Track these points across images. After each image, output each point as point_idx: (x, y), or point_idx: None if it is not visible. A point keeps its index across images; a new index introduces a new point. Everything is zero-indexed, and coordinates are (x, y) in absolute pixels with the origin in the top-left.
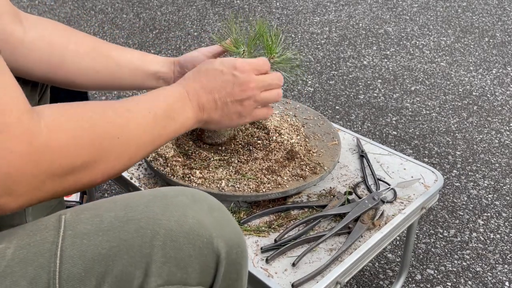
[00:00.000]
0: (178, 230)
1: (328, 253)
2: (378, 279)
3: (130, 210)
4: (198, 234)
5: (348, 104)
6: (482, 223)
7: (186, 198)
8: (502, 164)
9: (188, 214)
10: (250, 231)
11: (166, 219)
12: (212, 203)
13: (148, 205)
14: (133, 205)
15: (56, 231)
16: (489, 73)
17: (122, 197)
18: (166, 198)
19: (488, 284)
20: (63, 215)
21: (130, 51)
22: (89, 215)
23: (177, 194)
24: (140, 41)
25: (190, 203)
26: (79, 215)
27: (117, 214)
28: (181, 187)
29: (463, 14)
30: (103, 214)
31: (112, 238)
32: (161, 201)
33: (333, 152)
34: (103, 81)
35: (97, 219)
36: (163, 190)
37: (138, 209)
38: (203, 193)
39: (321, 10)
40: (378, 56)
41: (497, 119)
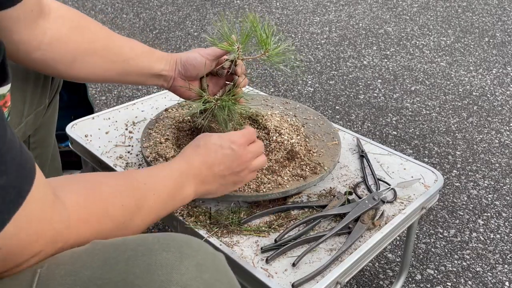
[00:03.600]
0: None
1: (328, 253)
2: (378, 279)
3: (108, 269)
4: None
5: (348, 104)
6: (482, 223)
7: (172, 255)
8: (502, 164)
9: (172, 278)
10: (250, 231)
11: (145, 284)
12: (203, 257)
13: (128, 263)
14: (112, 261)
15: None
16: (489, 73)
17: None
18: (149, 254)
19: (488, 284)
20: (39, 269)
21: (140, 49)
22: (63, 272)
23: (162, 248)
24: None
25: (176, 262)
26: (54, 270)
27: (93, 274)
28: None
29: (463, 14)
30: (79, 272)
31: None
32: (143, 259)
33: (333, 152)
34: (109, 78)
35: (71, 277)
36: (149, 241)
37: (116, 268)
38: (193, 243)
39: (321, 10)
40: (378, 56)
41: (497, 119)
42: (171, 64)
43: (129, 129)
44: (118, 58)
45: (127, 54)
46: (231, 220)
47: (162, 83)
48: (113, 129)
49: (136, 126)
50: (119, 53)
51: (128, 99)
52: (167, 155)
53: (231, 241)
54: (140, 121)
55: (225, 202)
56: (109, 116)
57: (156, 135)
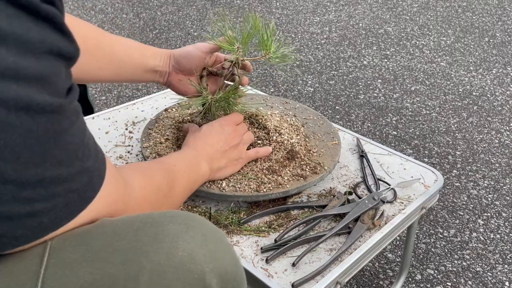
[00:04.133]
0: (166, 265)
1: (328, 253)
2: (378, 279)
3: (118, 238)
4: (188, 269)
5: (348, 104)
6: (482, 223)
7: (179, 226)
8: (502, 164)
9: (179, 245)
10: (250, 231)
11: (154, 251)
12: (207, 230)
13: (137, 234)
14: (121, 232)
15: (40, 259)
16: (489, 73)
17: (111, 222)
18: (156, 225)
19: (488, 284)
20: (49, 241)
21: (132, 45)
22: (75, 242)
23: (169, 220)
24: (140, 41)
25: (182, 231)
26: (65, 241)
27: (104, 243)
28: (174, 212)
29: (463, 14)
30: (90, 242)
31: (96, 270)
32: (151, 229)
33: (333, 152)
34: (104, 78)
35: (83, 247)
36: (155, 215)
37: (126, 238)
38: (197, 218)
39: (321, 10)
40: (378, 56)
41: (497, 119)
42: (165, 59)
43: (129, 129)
44: (111, 56)
45: (119, 52)
46: (231, 220)
47: (158, 79)
48: (113, 129)
49: (136, 126)
50: (111, 51)
51: (128, 99)
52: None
53: (231, 241)
54: (140, 121)
55: (225, 202)
56: (109, 116)
57: (156, 135)
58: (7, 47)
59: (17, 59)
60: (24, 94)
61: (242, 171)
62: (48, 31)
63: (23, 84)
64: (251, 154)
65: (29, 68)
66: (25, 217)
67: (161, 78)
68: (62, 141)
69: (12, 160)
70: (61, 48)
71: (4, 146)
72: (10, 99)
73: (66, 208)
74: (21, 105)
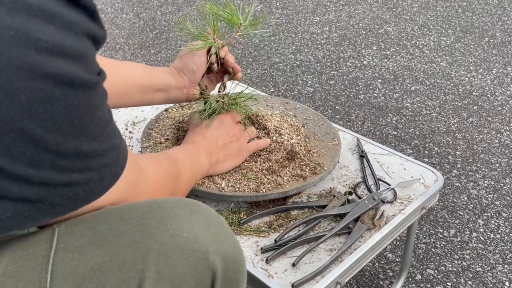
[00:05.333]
0: (172, 245)
1: (328, 254)
2: (378, 279)
3: (124, 223)
4: (193, 250)
5: (348, 104)
6: (482, 223)
7: (183, 210)
8: (502, 164)
9: (183, 227)
10: (250, 231)
11: (160, 233)
12: (209, 215)
13: (143, 217)
14: (127, 217)
15: (49, 244)
16: (489, 73)
17: (117, 209)
18: (161, 210)
19: (488, 284)
20: (57, 227)
21: (135, 67)
22: (82, 228)
23: (173, 205)
24: (140, 41)
25: (186, 215)
26: (73, 227)
27: (111, 227)
28: (178, 198)
29: (463, 14)
30: (97, 227)
31: (105, 252)
32: (156, 213)
33: (333, 152)
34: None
35: (90, 231)
36: (159, 201)
37: (132, 222)
38: (200, 204)
39: (321, 10)
40: (378, 56)
41: (497, 119)
42: (176, 78)
43: (129, 129)
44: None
45: (124, 73)
46: (231, 220)
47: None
48: None
49: (136, 126)
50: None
51: None
52: None
53: None
54: (140, 121)
55: (225, 202)
56: None
57: (156, 135)
58: (54, 25)
59: (63, 37)
60: (68, 70)
61: (242, 171)
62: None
63: (67, 61)
64: (252, 147)
65: (73, 47)
66: (62, 186)
67: (177, 95)
68: (96, 117)
69: (54, 131)
70: (94, 32)
71: (49, 117)
72: (57, 73)
73: (99, 183)
74: (66, 79)
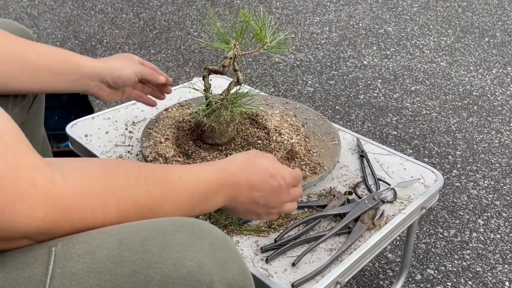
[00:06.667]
0: (175, 276)
1: (328, 253)
2: (378, 279)
3: (124, 249)
4: (197, 280)
5: (348, 104)
6: (482, 223)
7: (186, 235)
8: (502, 164)
9: (187, 255)
10: (250, 231)
11: (162, 262)
12: (215, 238)
13: (144, 244)
14: (127, 242)
15: (45, 268)
16: (489, 73)
17: (116, 231)
18: (164, 235)
19: (488, 284)
20: (53, 247)
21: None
22: (80, 251)
23: (176, 229)
24: (140, 41)
25: (189, 241)
26: (70, 249)
27: (110, 253)
28: (182, 220)
29: (463, 14)
30: (96, 251)
31: (104, 281)
32: (158, 239)
33: (333, 152)
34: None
35: (88, 256)
36: (162, 223)
37: (133, 248)
38: (205, 226)
39: (321, 10)
40: (378, 56)
41: (497, 119)
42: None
43: (129, 129)
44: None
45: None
46: (231, 220)
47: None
48: (113, 129)
49: (136, 126)
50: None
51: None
52: (167, 154)
53: None
54: (140, 121)
55: None
56: (109, 116)
57: (156, 135)
58: None
59: None
60: None
61: None
62: None
63: None
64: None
65: None
66: None
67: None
68: None
69: None
70: None
71: None
72: None
73: None
74: None
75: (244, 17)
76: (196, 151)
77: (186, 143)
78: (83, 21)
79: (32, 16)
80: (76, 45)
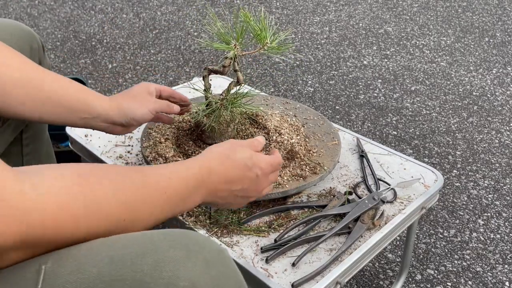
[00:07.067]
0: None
1: (328, 253)
2: (378, 279)
3: (115, 267)
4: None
5: (348, 104)
6: (482, 223)
7: (180, 252)
8: (502, 164)
9: (180, 274)
10: (250, 231)
11: (154, 282)
12: (209, 253)
13: (136, 262)
14: (118, 260)
15: (34, 285)
16: (489, 73)
17: (108, 247)
18: (155, 252)
19: (488, 284)
20: (43, 265)
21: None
22: (70, 269)
23: (169, 245)
24: (140, 41)
25: (183, 258)
26: (60, 267)
27: (101, 271)
28: (176, 234)
29: (463, 14)
30: (86, 269)
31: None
32: (150, 257)
33: (333, 152)
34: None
35: (78, 275)
36: (155, 238)
37: (124, 266)
38: (200, 240)
39: (321, 10)
40: (378, 56)
41: (497, 119)
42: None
43: None
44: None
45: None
46: (231, 220)
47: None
48: None
49: None
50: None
51: None
52: (167, 154)
53: (231, 241)
54: None
55: None
56: None
57: (156, 135)
58: None
59: None
60: None
61: None
62: None
63: None
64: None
65: None
66: None
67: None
68: None
69: None
70: None
71: None
72: None
73: None
74: None
75: (245, 17)
76: (196, 151)
77: (186, 143)
78: (83, 21)
79: (32, 16)
80: (76, 45)
